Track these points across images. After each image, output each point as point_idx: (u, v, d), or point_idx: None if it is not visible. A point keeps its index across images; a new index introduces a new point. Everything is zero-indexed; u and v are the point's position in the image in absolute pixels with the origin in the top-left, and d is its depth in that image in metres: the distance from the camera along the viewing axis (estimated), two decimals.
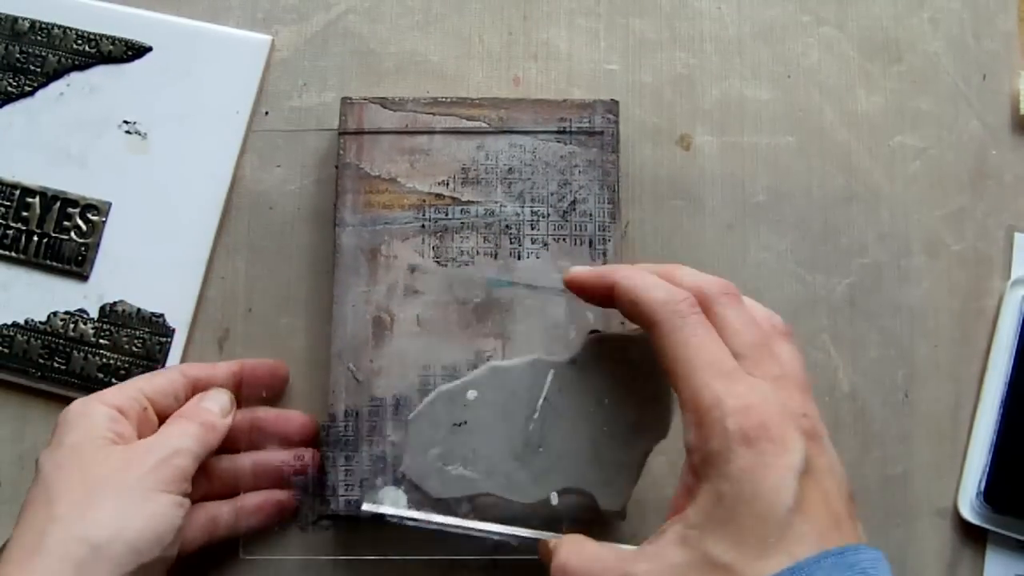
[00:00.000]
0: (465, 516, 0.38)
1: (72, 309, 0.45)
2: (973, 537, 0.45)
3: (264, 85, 0.47)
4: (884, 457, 0.45)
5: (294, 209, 0.46)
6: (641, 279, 0.35)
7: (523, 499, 0.37)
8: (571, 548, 0.34)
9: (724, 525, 0.30)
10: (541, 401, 0.37)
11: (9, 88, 0.46)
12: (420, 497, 0.39)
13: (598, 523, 0.38)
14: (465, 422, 0.38)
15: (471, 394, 0.38)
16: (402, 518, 0.38)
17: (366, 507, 0.39)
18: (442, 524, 0.38)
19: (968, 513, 0.45)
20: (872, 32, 0.49)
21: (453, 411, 0.38)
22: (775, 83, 0.48)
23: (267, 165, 0.47)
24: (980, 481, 0.44)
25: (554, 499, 0.37)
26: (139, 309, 0.45)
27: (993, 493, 0.44)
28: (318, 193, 0.46)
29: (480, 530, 0.38)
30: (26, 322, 0.45)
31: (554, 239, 0.44)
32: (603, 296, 0.36)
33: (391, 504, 0.38)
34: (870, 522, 0.45)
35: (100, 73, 0.47)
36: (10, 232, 0.45)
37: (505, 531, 0.37)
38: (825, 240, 0.47)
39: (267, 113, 0.47)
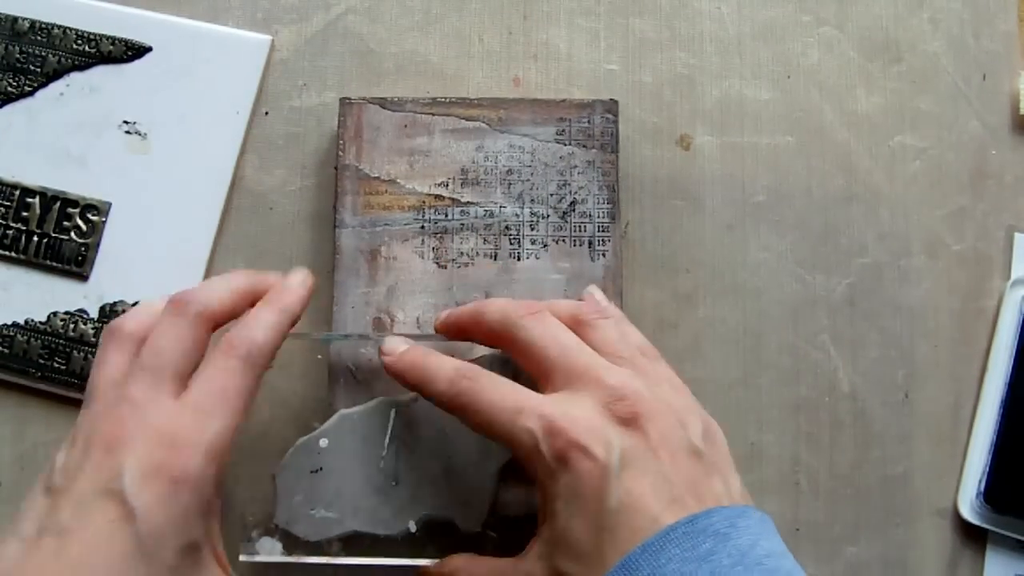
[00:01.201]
0: (336, 555, 0.40)
1: (72, 309, 0.45)
2: (973, 537, 0.45)
3: (264, 85, 0.47)
4: (884, 457, 0.45)
5: (294, 210, 0.46)
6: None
7: (388, 531, 0.39)
8: (455, 564, 0.37)
9: (566, 541, 0.32)
10: (387, 439, 0.40)
11: (9, 88, 0.46)
12: (295, 542, 0.40)
13: (471, 544, 0.40)
14: (320, 468, 0.40)
15: (323, 442, 0.40)
16: (282, 562, 0.40)
17: (243, 558, 0.40)
18: (319, 563, 0.40)
19: (968, 513, 0.45)
20: (872, 32, 0.49)
21: (310, 459, 0.40)
22: (775, 83, 0.48)
23: (267, 165, 0.47)
24: (980, 481, 0.44)
25: (412, 527, 0.39)
26: None
27: (993, 493, 0.44)
28: (318, 194, 0.46)
29: (359, 565, 0.40)
30: (26, 322, 0.45)
31: (554, 240, 0.44)
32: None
33: (266, 554, 0.40)
34: (870, 522, 0.45)
35: (100, 73, 0.47)
36: (10, 232, 0.45)
37: (382, 563, 0.39)
38: (825, 240, 0.47)
39: (267, 113, 0.47)
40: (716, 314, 0.46)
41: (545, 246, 0.44)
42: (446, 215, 0.44)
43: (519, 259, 0.44)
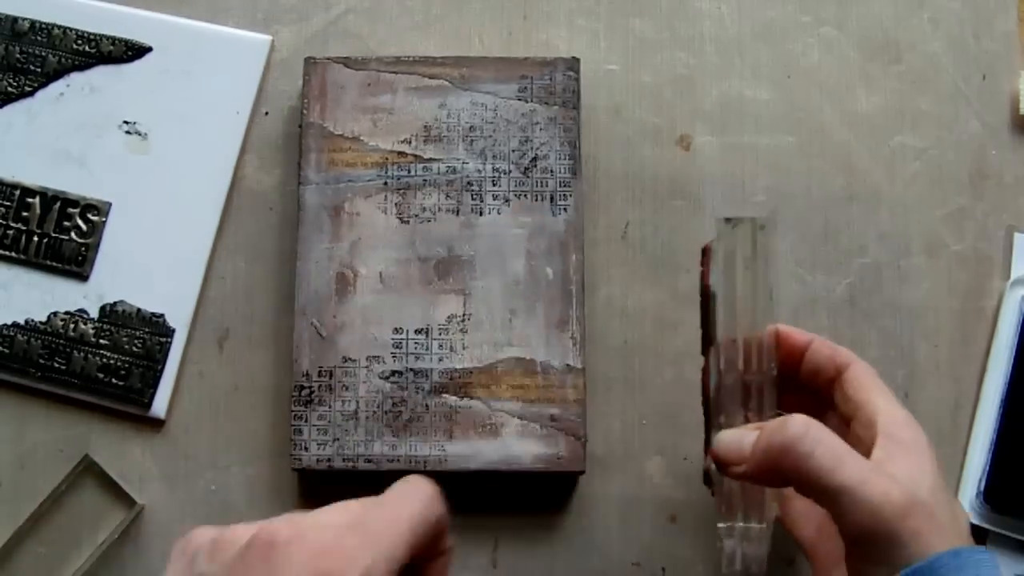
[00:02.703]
0: None
1: (72, 309, 0.45)
2: (973, 537, 0.45)
3: (264, 85, 0.47)
4: None
5: (294, 209, 0.46)
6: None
7: None
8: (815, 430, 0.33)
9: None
10: None
11: (9, 88, 0.46)
12: None
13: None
14: None
15: None
16: None
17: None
18: None
19: (968, 513, 0.44)
20: (872, 32, 0.48)
21: None
22: (775, 83, 0.48)
23: (267, 165, 0.47)
24: (980, 481, 0.44)
25: None
26: (139, 309, 0.45)
27: (993, 493, 0.44)
28: None
29: None
30: (26, 322, 0.45)
31: (515, 195, 0.44)
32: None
33: None
34: None
35: (100, 73, 0.47)
36: (10, 232, 0.45)
37: None
38: (825, 240, 0.47)
39: (267, 113, 0.47)
40: None
41: (507, 201, 0.44)
42: (409, 171, 0.44)
43: (481, 214, 0.44)
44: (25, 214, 0.46)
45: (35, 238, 0.45)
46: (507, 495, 0.44)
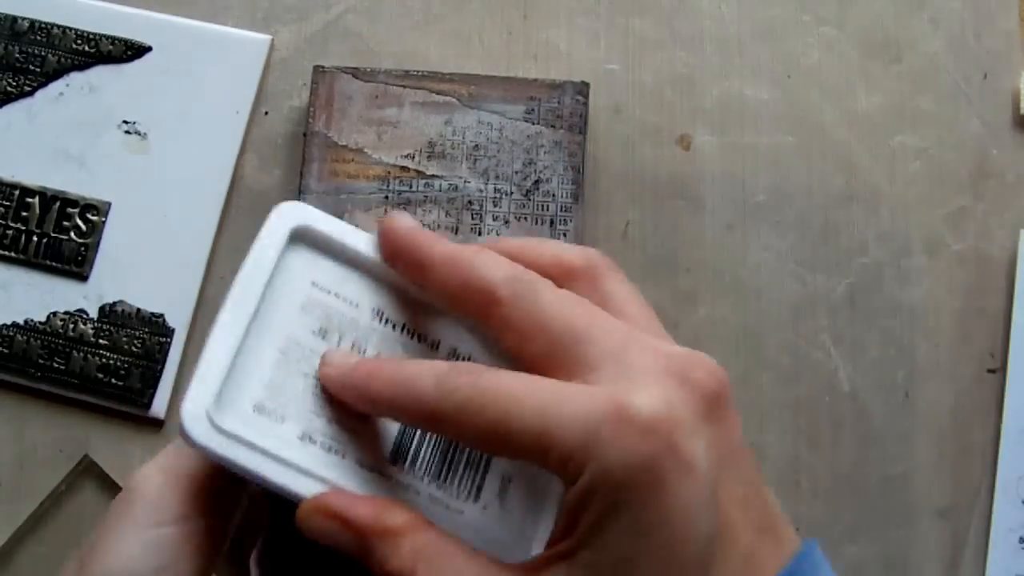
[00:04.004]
0: None
1: (72, 309, 0.45)
2: (974, 536, 0.45)
3: (264, 85, 0.47)
4: (884, 457, 0.45)
5: None
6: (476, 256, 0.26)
7: None
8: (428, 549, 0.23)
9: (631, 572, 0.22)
10: None
11: (8, 88, 0.46)
12: None
13: None
14: None
15: None
16: None
17: None
18: None
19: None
20: (872, 32, 0.48)
21: None
22: (775, 83, 0.48)
23: (267, 165, 0.47)
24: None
25: None
26: (139, 309, 0.45)
27: None
28: None
29: None
30: (26, 322, 0.45)
31: (516, 217, 0.44)
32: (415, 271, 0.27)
33: None
34: (870, 522, 0.45)
35: (100, 73, 0.47)
36: (9, 232, 0.45)
37: None
38: (825, 240, 0.47)
39: (267, 113, 0.47)
40: (716, 314, 0.46)
41: (507, 223, 0.44)
42: (410, 187, 0.44)
43: (480, 234, 0.44)
44: (24, 214, 0.46)
45: (34, 238, 0.45)
46: None
